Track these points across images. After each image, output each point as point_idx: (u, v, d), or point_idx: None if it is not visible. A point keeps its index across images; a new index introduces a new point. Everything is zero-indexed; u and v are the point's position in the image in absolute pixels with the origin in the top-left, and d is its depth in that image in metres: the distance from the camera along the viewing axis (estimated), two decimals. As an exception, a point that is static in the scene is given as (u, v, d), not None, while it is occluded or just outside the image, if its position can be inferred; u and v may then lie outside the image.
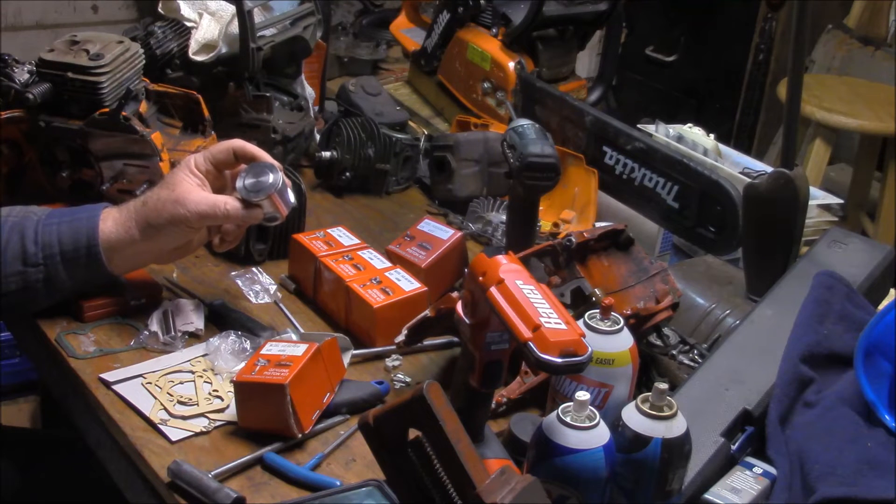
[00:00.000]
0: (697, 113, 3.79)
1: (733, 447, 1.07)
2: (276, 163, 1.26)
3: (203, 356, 1.23)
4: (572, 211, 1.61)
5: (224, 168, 1.27)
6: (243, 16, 1.50)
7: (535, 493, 0.86)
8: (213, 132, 1.51)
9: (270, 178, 1.23)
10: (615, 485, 0.97)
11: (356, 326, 1.30)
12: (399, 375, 1.25)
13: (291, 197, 1.26)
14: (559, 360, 0.87)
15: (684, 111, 3.78)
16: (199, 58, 1.58)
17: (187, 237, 1.25)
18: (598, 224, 1.52)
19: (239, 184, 1.23)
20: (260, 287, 1.38)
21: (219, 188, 1.27)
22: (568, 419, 0.94)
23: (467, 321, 0.97)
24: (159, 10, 1.65)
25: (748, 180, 1.37)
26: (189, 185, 1.23)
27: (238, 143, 1.26)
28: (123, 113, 1.37)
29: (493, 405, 1.12)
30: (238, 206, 1.22)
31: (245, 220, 1.25)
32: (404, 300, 1.28)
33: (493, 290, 0.92)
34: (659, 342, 1.29)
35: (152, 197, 1.23)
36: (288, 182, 1.27)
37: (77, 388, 1.21)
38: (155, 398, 1.16)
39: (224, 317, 1.31)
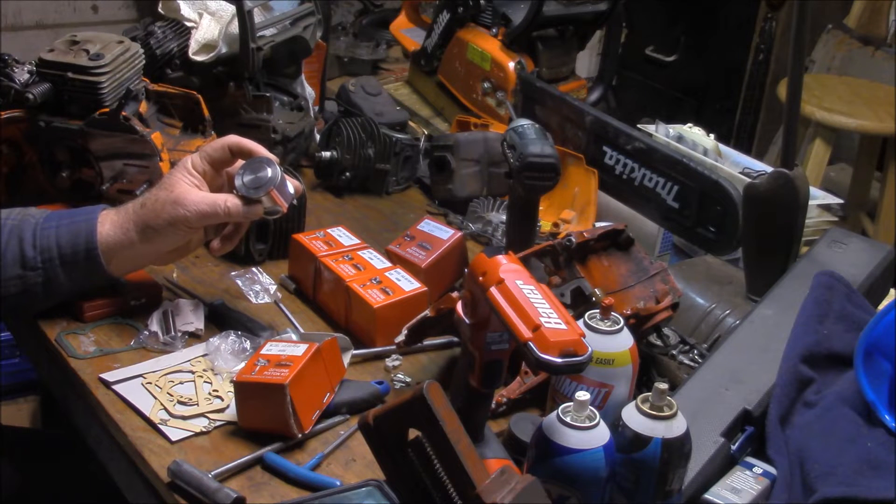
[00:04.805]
0: (697, 113, 3.79)
1: (733, 447, 1.07)
2: (272, 156, 1.25)
3: (203, 356, 1.23)
4: (572, 211, 1.61)
5: (221, 166, 1.26)
6: (243, 16, 1.50)
7: (535, 493, 0.86)
8: (213, 132, 1.51)
9: (269, 172, 1.23)
10: (615, 485, 0.97)
11: (356, 326, 1.30)
12: (399, 375, 1.25)
13: (290, 188, 1.25)
14: (559, 360, 0.87)
15: (684, 111, 3.78)
16: (199, 58, 1.58)
17: (186, 238, 1.25)
18: (598, 224, 1.52)
19: (238, 181, 1.23)
20: (260, 287, 1.38)
21: (217, 187, 1.27)
22: (568, 419, 0.94)
23: (467, 321, 0.97)
24: (159, 10, 1.65)
25: (748, 180, 1.37)
26: (187, 185, 1.22)
27: (233, 139, 1.26)
28: (123, 113, 1.37)
29: (493, 405, 1.12)
30: (238, 203, 1.22)
31: (246, 217, 1.24)
32: (404, 300, 1.28)
33: (493, 290, 0.92)
34: (659, 342, 1.29)
35: (150, 199, 1.23)
36: (291, 181, 1.27)
37: (77, 388, 1.21)
38: (155, 398, 1.16)
39: (224, 317, 1.31)
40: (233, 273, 1.41)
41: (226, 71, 1.59)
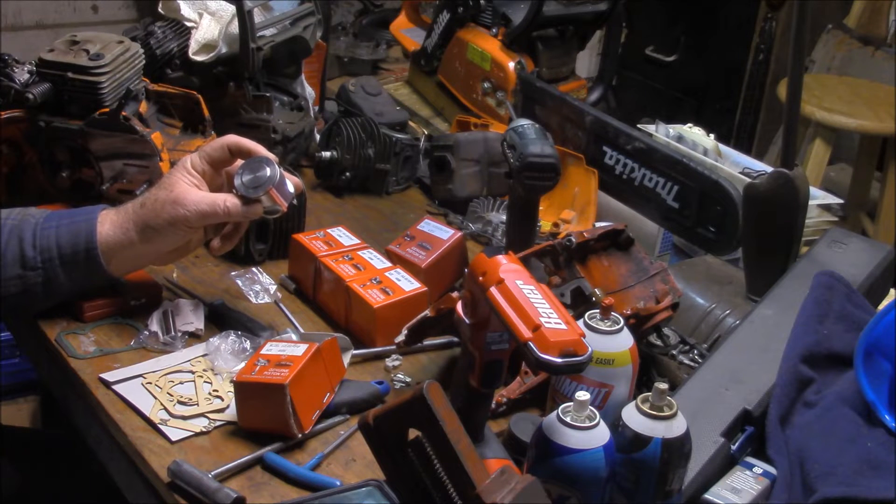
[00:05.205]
0: (697, 113, 3.79)
1: (733, 447, 1.07)
2: (271, 155, 1.25)
3: (203, 356, 1.23)
4: (572, 211, 1.61)
5: (221, 166, 1.26)
6: (243, 16, 1.50)
7: (535, 493, 0.86)
8: (213, 132, 1.51)
9: (268, 172, 1.23)
10: (615, 485, 0.97)
11: (356, 326, 1.30)
12: (399, 375, 1.25)
13: (290, 187, 1.25)
14: (559, 360, 0.87)
15: (684, 111, 3.78)
16: (199, 58, 1.58)
17: (186, 238, 1.25)
18: (598, 224, 1.52)
19: (237, 181, 1.23)
20: (260, 287, 1.38)
21: (216, 187, 1.27)
22: (568, 419, 0.94)
23: (467, 321, 0.97)
24: (159, 10, 1.65)
25: (748, 180, 1.37)
26: (186, 185, 1.22)
27: (232, 138, 1.26)
28: (123, 113, 1.37)
29: (493, 405, 1.12)
30: (237, 203, 1.22)
31: (245, 217, 1.24)
32: (404, 300, 1.28)
33: (493, 290, 0.92)
34: (659, 342, 1.29)
35: (150, 199, 1.23)
36: (291, 179, 1.27)
37: (77, 388, 1.21)
38: (155, 398, 1.16)
39: (224, 317, 1.31)
40: (233, 273, 1.41)
41: (226, 71, 1.59)
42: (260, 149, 1.25)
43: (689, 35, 3.95)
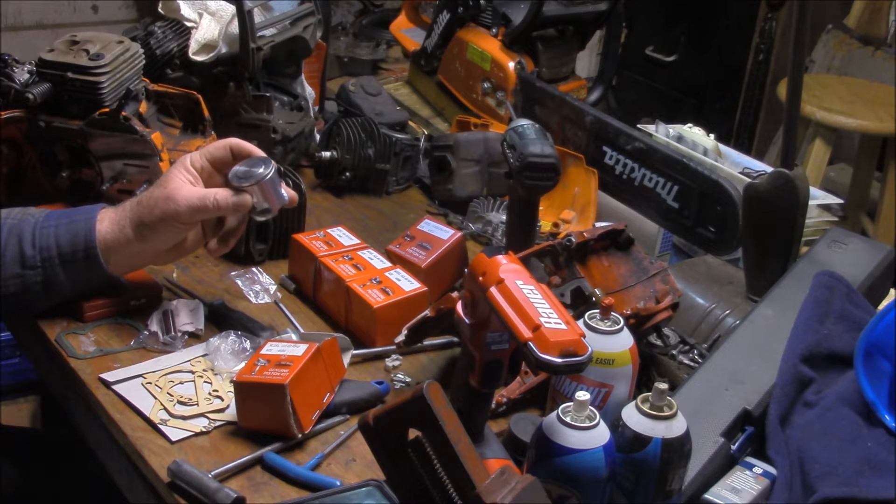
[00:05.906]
0: (697, 113, 3.79)
1: (733, 447, 1.07)
2: (272, 161, 1.26)
3: (203, 356, 1.23)
4: (572, 211, 1.61)
5: (222, 167, 1.26)
6: (243, 16, 1.50)
7: (535, 493, 0.86)
8: (213, 132, 1.51)
9: (261, 168, 1.23)
10: (615, 485, 0.97)
11: (356, 326, 1.30)
12: (399, 375, 1.25)
13: (284, 193, 1.26)
14: (559, 360, 0.87)
15: (684, 111, 3.78)
16: (199, 58, 1.58)
17: (180, 234, 1.24)
18: (598, 224, 1.52)
19: (231, 172, 1.23)
20: (260, 287, 1.38)
21: (214, 187, 1.27)
22: (568, 419, 0.94)
23: (467, 321, 0.97)
24: (159, 10, 1.65)
25: (748, 180, 1.37)
26: (181, 181, 1.22)
27: (235, 141, 1.26)
28: (123, 113, 1.37)
29: (493, 405, 1.12)
30: (228, 195, 1.22)
31: (235, 210, 1.23)
32: (404, 300, 1.28)
33: (493, 290, 0.92)
34: (659, 342, 1.29)
35: (146, 196, 1.23)
36: (288, 191, 1.27)
37: (77, 388, 1.21)
38: (155, 398, 1.16)
39: (224, 317, 1.31)
40: (233, 273, 1.41)
41: (226, 71, 1.59)
42: (261, 153, 1.26)
43: (689, 35, 3.95)
